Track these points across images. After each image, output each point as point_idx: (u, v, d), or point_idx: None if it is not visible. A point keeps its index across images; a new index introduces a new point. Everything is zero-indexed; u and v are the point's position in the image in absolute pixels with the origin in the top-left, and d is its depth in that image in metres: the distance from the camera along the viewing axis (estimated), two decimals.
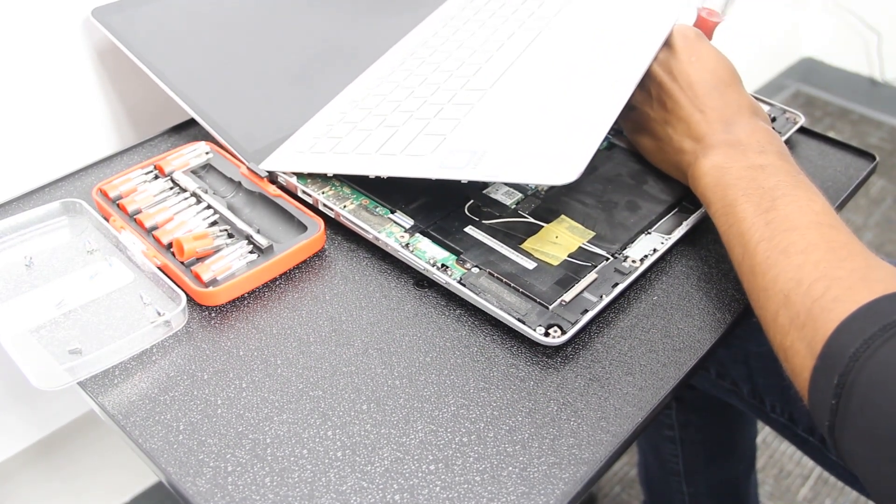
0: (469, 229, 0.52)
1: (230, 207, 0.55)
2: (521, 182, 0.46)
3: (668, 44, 0.55)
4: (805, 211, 0.44)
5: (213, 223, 0.53)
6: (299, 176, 0.55)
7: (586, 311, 0.47)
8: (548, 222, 0.53)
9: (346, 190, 0.55)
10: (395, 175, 0.50)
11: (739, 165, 0.48)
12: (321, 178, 0.56)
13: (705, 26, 0.60)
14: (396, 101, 0.58)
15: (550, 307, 0.47)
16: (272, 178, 0.56)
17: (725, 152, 0.49)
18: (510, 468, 0.41)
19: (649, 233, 0.53)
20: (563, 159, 0.45)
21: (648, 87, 0.56)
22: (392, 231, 0.52)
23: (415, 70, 0.62)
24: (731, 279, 0.51)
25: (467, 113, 0.54)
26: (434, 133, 0.52)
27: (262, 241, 0.51)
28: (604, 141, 0.61)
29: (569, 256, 0.50)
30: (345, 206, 0.53)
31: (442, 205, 0.54)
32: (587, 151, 0.45)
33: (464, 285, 0.48)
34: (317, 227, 0.52)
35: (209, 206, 0.54)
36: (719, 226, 0.48)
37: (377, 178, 0.52)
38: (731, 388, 0.73)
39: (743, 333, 0.68)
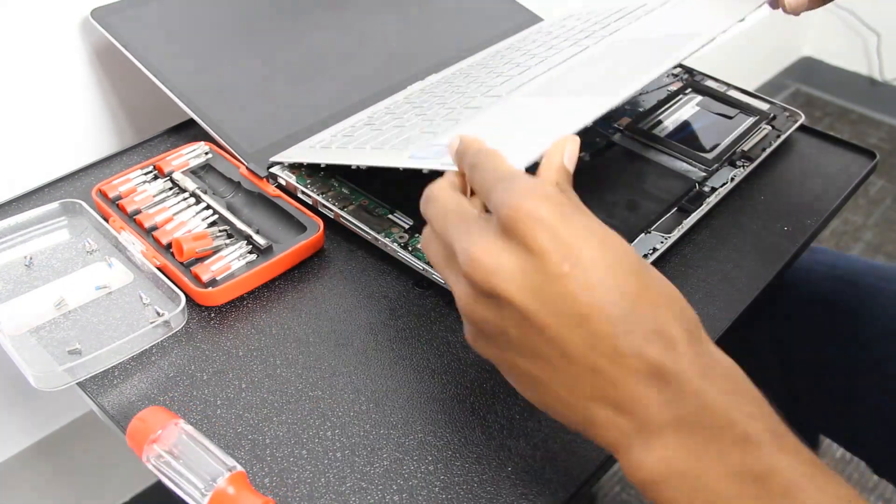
0: None
1: (229, 207, 0.55)
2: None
3: (518, 239, 0.31)
4: None
5: (213, 223, 0.53)
6: (299, 176, 0.55)
7: None
8: None
9: (346, 190, 0.55)
10: (367, 164, 0.48)
11: (719, 472, 0.30)
12: (321, 179, 0.56)
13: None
14: (421, 109, 0.57)
15: None
16: (272, 178, 0.56)
17: (684, 444, 0.30)
18: (509, 468, 0.41)
19: (649, 232, 0.53)
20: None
21: (491, 320, 0.32)
22: (391, 231, 0.52)
23: (446, 95, 0.61)
24: (730, 280, 0.51)
25: (471, 117, 0.51)
26: (430, 131, 0.51)
27: (262, 242, 0.51)
28: (602, 140, 0.61)
29: None
30: (344, 207, 0.53)
31: None
32: (526, 159, 0.38)
33: None
34: (316, 227, 0.52)
35: (208, 207, 0.54)
36: None
37: (374, 175, 0.52)
38: None
39: (736, 336, 0.68)
